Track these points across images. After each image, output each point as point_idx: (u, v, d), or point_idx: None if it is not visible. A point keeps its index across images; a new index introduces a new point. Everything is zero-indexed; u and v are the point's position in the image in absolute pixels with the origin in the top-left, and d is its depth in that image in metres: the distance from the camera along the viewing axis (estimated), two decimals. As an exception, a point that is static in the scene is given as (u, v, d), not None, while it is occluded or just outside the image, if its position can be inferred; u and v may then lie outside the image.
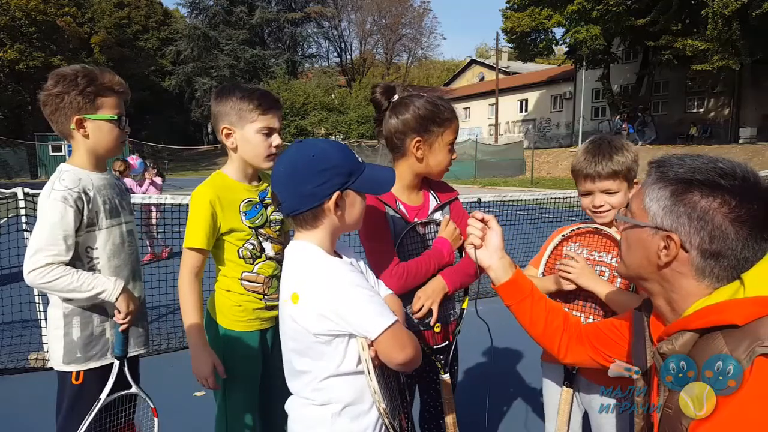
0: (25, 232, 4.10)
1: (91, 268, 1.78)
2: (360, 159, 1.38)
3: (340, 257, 1.45)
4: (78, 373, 1.80)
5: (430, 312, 1.79)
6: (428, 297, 1.77)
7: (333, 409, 1.32)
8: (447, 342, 1.89)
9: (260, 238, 1.93)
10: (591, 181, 1.81)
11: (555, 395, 1.96)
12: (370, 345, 1.28)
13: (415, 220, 1.86)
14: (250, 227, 1.90)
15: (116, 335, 1.82)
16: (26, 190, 4.16)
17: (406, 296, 1.79)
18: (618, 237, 1.77)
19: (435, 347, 1.85)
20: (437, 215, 1.91)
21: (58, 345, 1.79)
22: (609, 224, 1.83)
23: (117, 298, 1.76)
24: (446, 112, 1.78)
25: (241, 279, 1.91)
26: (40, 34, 35.75)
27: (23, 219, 4.09)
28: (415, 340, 1.35)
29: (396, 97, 1.84)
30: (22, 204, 4.08)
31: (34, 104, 39.90)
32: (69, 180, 1.72)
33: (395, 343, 1.26)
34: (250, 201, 1.92)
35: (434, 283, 1.79)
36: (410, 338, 1.31)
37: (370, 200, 1.80)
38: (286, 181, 1.31)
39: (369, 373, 1.28)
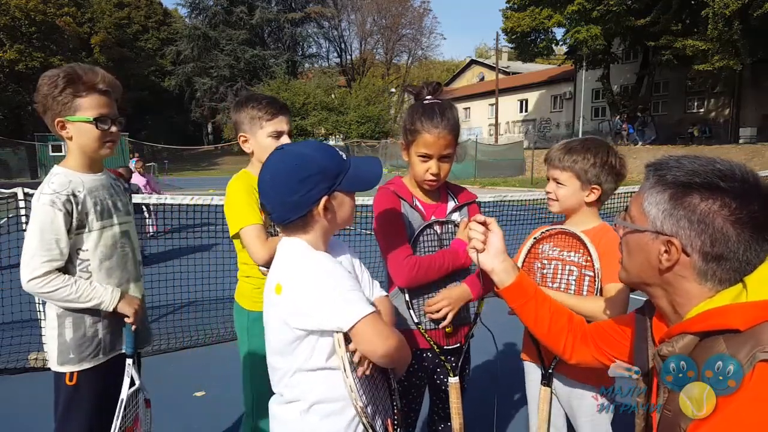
0: (25, 233, 4.10)
1: (83, 270, 1.77)
2: (344, 156, 1.36)
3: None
4: (72, 374, 1.79)
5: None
6: (450, 303, 1.77)
7: (300, 406, 1.31)
8: (458, 344, 1.87)
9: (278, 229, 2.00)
10: (548, 167, 1.95)
11: (535, 393, 1.99)
12: (348, 341, 1.26)
13: (432, 218, 1.86)
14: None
15: (126, 334, 1.84)
16: (26, 190, 4.16)
17: (414, 292, 1.80)
18: (579, 234, 1.85)
19: (445, 348, 1.84)
20: (455, 216, 1.90)
21: (53, 345, 1.80)
22: (565, 220, 1.97)
23: (114, 309, 1.78)
24: (417, 123, 1.76)
25: (262, 266, 1.96)
26: (40, 35, 35.73)
27: (23, 219, 4.09)
28: (400, 336, 1.32)
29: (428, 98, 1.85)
30: (22, 204, 4.08)
31: (33, 104, 39.86)
32: (57, 183, 1.72)
33: (373, 333, 1.22)
34: None
35: (460, 290, 1.79)
36: (392, 330, 1.29)
37: (386, 194, 1.83)
38: (272, 192, 1.30)
39: (345, 370, 1.24)
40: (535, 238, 1.97)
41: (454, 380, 1.80)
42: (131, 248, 1.93)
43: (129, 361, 1.85)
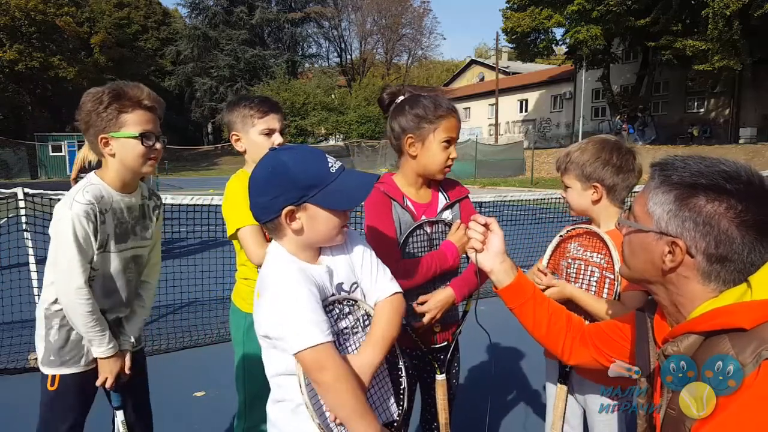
0: (25, 233, 4.10)
1: (90, 286, 1.74)
2: (334, 168, 1.29)
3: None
4: (53, 377, 1.77)
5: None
6: (436, 308, 1.78)
7: (288, 406, 1.32)
8: (446, 342, 1.88)
9: None
10: (559, 174, 1.98)
11: (553, 391, 1.99)
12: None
13: (423, 218, 1.84)
14: None
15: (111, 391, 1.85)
16: (26, 190, 4.16)
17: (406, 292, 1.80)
18: (602, 234, 1.82)
19: (433, 346, 1.85)
20: (446, 214, 1.89)
21: (40, 345, 1.80)
22: (589, 222, 1.93)
23: (97, 359, 1.78)
24: (439, 109, 1.77)
25: (258, 267, 1.95)
26: (40, 34, 35.73)
27: (23, 219, 4.09)
28: (350, 370, 1.24)
29: (400, 99, 1.85)
30: (22, 204, 4.08)
31: (33, 104, 39.85)
32: (92, 194, 1.69)
33: (312, 364, 1.19)
34: None
35: (443, 294, 1.79)
36: (333, 361, 1.20)
37: (376, 194, 1.81)
38: (251, 190, 1.32)
39: (300, 387, 1.24)
40: (560, 236, 1.97)
41: (440, 377, 1.82)
42: (136, 272, 1.90)
43: (117, 412, 1.85)
